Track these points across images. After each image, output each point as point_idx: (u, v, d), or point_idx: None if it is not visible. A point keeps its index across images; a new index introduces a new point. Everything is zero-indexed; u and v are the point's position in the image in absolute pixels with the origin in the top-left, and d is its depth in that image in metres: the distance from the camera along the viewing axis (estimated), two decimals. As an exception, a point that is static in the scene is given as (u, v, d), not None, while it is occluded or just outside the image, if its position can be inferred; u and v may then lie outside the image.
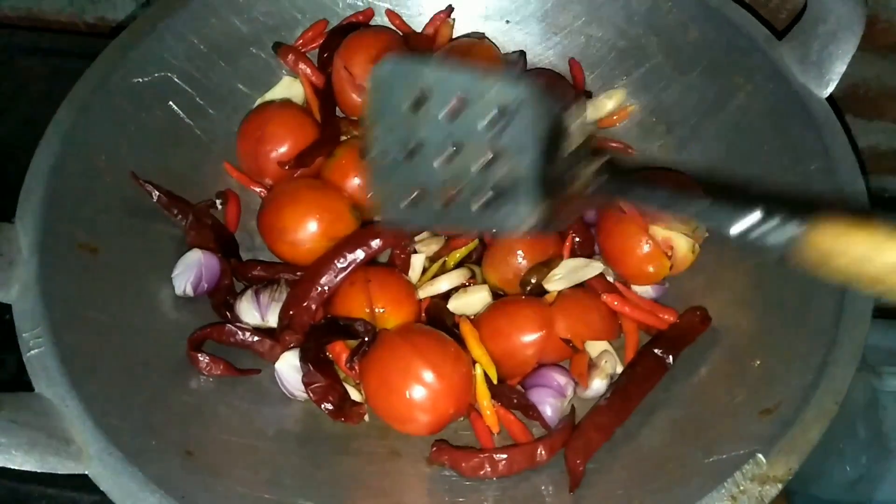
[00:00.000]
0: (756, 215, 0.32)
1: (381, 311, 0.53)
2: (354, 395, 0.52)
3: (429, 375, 0.48)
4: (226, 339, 0.53)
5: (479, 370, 0.52)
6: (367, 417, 0.52)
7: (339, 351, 0.53)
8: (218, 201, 0.61)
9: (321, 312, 0.55)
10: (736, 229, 0.33)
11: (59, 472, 0.40)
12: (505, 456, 0.48)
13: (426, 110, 0.41)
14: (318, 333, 0.53)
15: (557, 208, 0.40)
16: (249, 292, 0.56)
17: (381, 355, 0.50)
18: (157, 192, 0.57)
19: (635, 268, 0.56)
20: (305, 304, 0.53)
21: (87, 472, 0.41)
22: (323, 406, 0.50)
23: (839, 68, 0.55)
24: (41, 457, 0.39)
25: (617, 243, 0.57)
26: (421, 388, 0.48)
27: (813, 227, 0.30)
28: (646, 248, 0.55)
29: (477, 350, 0.52)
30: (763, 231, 0.32)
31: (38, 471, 0.39)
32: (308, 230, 0.56)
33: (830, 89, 0.55)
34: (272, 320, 0.55)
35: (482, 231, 0.43)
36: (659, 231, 0.55)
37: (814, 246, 0.30)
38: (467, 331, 0.54)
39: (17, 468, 0.39)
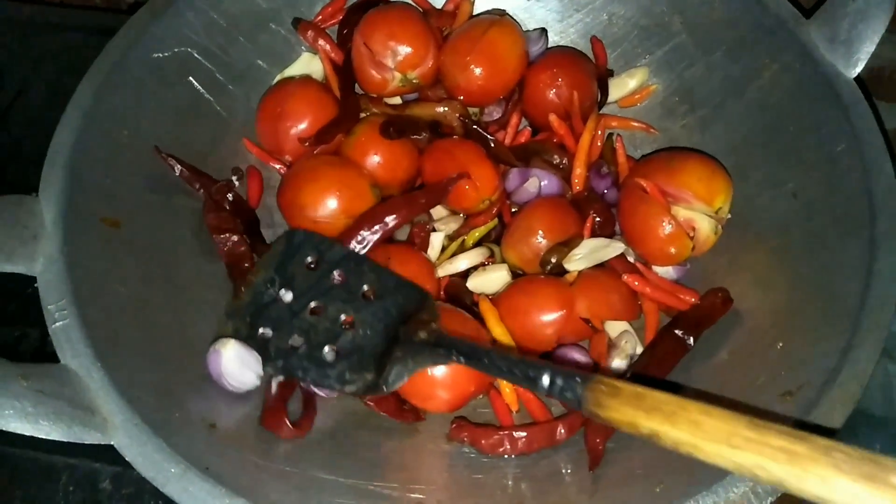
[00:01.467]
0: (545, 380, 0.38)
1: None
2: None
3: None
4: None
5: None
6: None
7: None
8: (234, 178, 0.61)
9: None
10: (529, 388, 0.40)
11: (85, 442, 0.40)
12: (524, 434, 0.48)
13: (312, 273, 0.50)
14: None
15: (383, 378, 0.46)
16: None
17: None
18: (180, 166, 0.57)
19: (657, 248, 0.56)
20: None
21: (112, 443, 0.41)
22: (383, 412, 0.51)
23: (868, 48, 0.54)
24: (67, 427, 0.40)
25: (638, 223, 0.56)
26: (442, 366, 0.48)
27: (590, 390, 0.36)
28: (668, 228, 0.55)
29: (497, 328, 0.52)
30: (551, 391, 0.38)
31: (65, 440, 0.40)
32: (328, 207, 0.56)
33: (859, 69, 0.54)
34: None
35: (312, 383, 0.49)
36: (681, 211, 0.55)
37: (592, 399, 0.36)
38: (487, 309, 0.54)
39: (44, 437, 0.39)
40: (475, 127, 0.62)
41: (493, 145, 0.61)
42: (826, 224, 0.52)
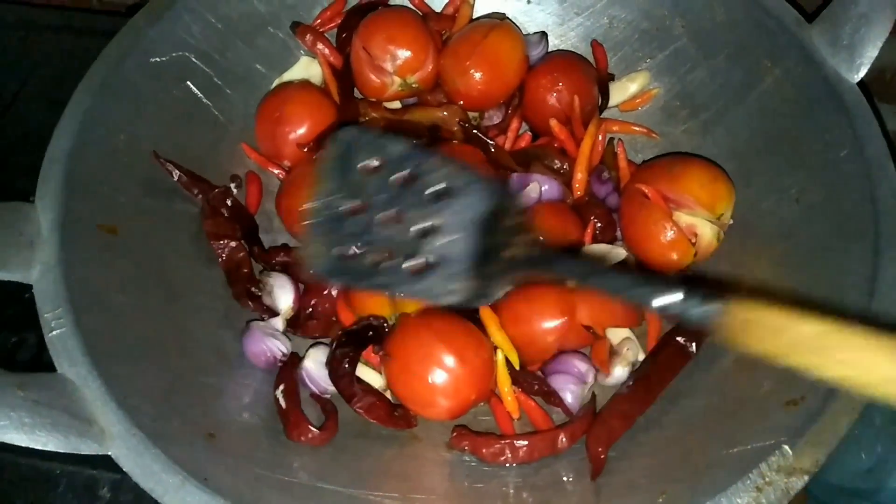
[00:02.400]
0: (678, 295, 0.34)
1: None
2: (376, 379, 0.52)
3: (450, 360, 0.48)
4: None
5: (500, 355, 0.51)
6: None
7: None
8: (232, 185, 0.60)
9: (342, 298, 0.54)
10: (658, 303, 0.35)
11: (83, 453, 0.40)
12: (526, 442, 0.48)
13: (377, 176, 0.43)
14: (343, 353, 0.51)
15: (486, 285, 0.41)
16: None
17: (403, 340, 0.50)
18: (178, 172, 0.56)
19: (659, 254, 0.55)
20: (326, 291, 0.53)
21: (109, 453, 0.41)
22: (374, 420, 0.50)
23: (871, 52, 0.54)
24: (64, 437, 0.39)
25: (640, 229, 0.56)
26: (442, 374, 0.48)
27: (730, 306, 0.33)
28: (670, 234, 0.54)
29: (498, 335, 0.52)
30: (684, 308, 0.34)
31: (61, 451, 0.39)
32: (327, 213, 0.56)
33: (862, 74, 0.54)
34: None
35: (407, 296, 0.46)
36: (683, 217, 0.54)
37: (732, 322, 0.33)
38: (488, 316, 0.53)
39: (40, 448, 0.39)
40: (475, 132, 0.61)
41: (493, 150, 0.60)
42: (829, 230, 0.51)
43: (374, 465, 0.48)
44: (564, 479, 0.47)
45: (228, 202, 0.57)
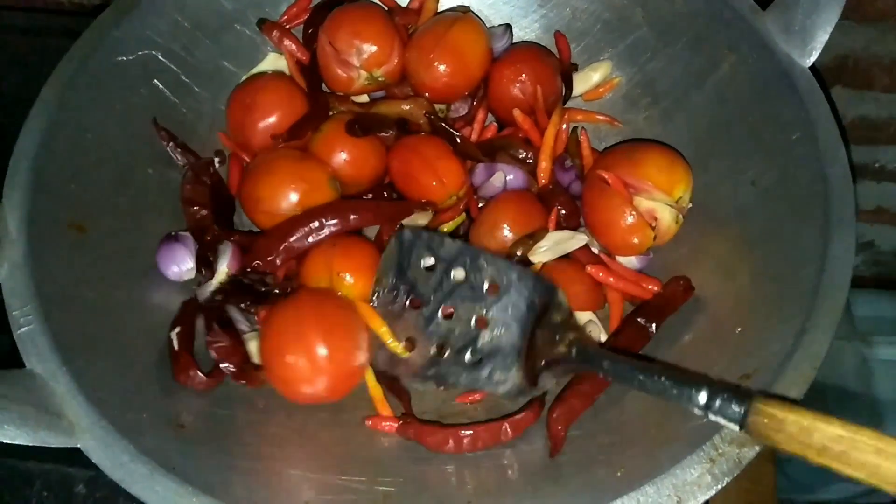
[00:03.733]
0: (703, 396, 0.38)
1: (345, 277, 0.53)
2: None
3: (322, 351, 0.48)
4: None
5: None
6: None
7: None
8: (216, 160, 0.61)
9: (283, 270, 0.55)
10: (694, 405, 0.38)
11: (52, 446, 0.41)
12: (470, 432, 0.48)
13: (432, 274, 0.49)
14: (224, 293, 0.52)
15: (534, 376, 0.45)
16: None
17: (284, 314, 0.50)
18: (171, 143, 0.58)
19: (619, 239, 0.57)
20: (271, 257, 0.54)
21: (78, 446, 0.42)
22: (223, 367, 0.50)
23: (822, 38, 0.55)
24: (33, 430, 0.40)
25: (601, 215, 0.57)
26: (306, 361, 0.48)
27: (753, 408, 0.36)
28: (630, 219, 0.55)
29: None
30: (713, 409, 0.38)
31: (30, 444, 0.40)
32: (284, 200, 0.56)
33: (813, 58, 0.55)
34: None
35: (460, 387, 0.50)
36: (643, 202, 0.56)
37: (757, 423, 0.36)
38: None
39: (8, 442, 0.40)
40: (442, 123, 0.62)
41: (459, 141, 0.61)
42: (783, 211, 0.53)
43: (342, 452, 0.49)
44: (528, 457, 0.48)
45: (210, 171, 0.59)
